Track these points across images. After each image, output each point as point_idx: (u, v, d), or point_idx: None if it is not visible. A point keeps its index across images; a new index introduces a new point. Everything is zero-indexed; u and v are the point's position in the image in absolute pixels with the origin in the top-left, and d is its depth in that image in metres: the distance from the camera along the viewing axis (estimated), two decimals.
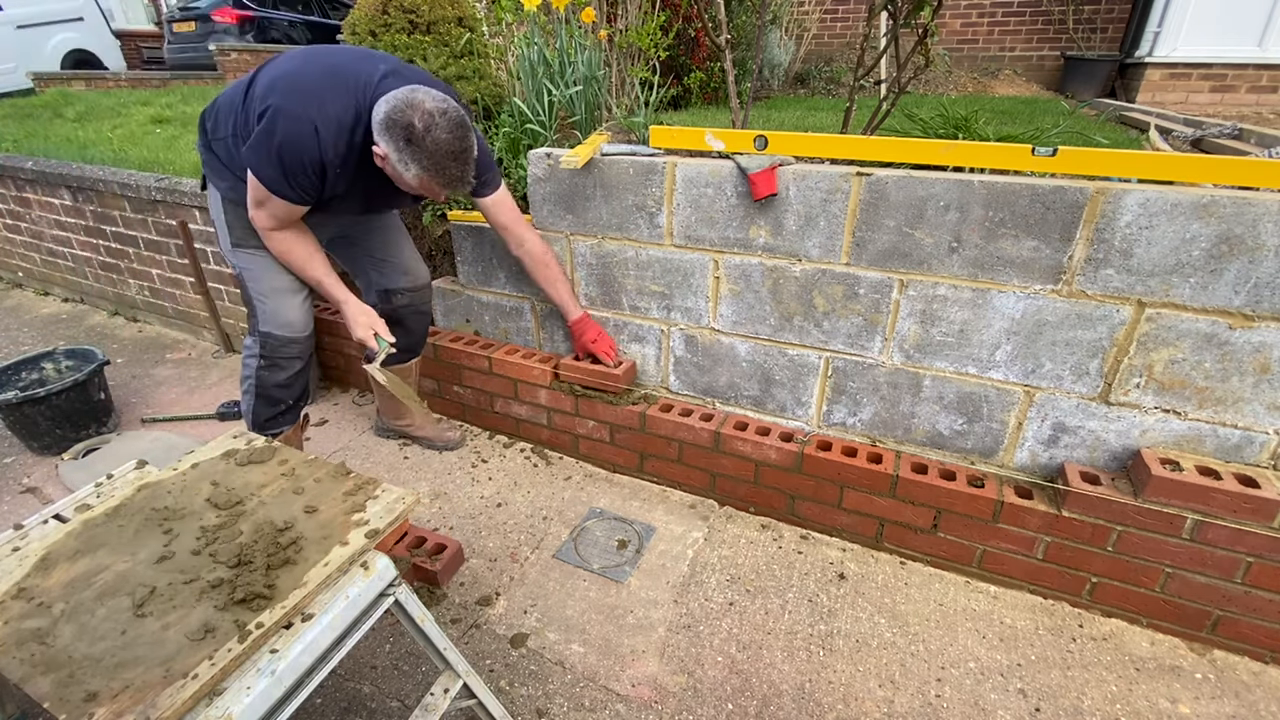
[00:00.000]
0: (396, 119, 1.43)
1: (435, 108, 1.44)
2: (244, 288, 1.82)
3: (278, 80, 1.54)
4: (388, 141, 1.46)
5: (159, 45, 10.36)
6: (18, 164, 3.36)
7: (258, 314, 1.81)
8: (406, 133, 1.43)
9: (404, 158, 1.46)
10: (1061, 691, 1.44)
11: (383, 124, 1.45)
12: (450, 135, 1.46)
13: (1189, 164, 1.35)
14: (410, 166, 1.47)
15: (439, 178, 1.49)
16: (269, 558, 0.97)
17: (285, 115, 1.48)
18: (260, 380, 1.84)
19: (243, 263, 1.78)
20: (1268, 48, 4.16)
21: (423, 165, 1.46)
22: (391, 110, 1.44)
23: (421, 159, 1.45)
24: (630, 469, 2.17)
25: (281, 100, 1.49)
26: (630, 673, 1.50)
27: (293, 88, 1.51)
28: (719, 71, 3.35)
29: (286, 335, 1.82)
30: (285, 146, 1.49)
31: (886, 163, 1.60)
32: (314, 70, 1.55)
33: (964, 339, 1.61)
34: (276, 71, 1.57)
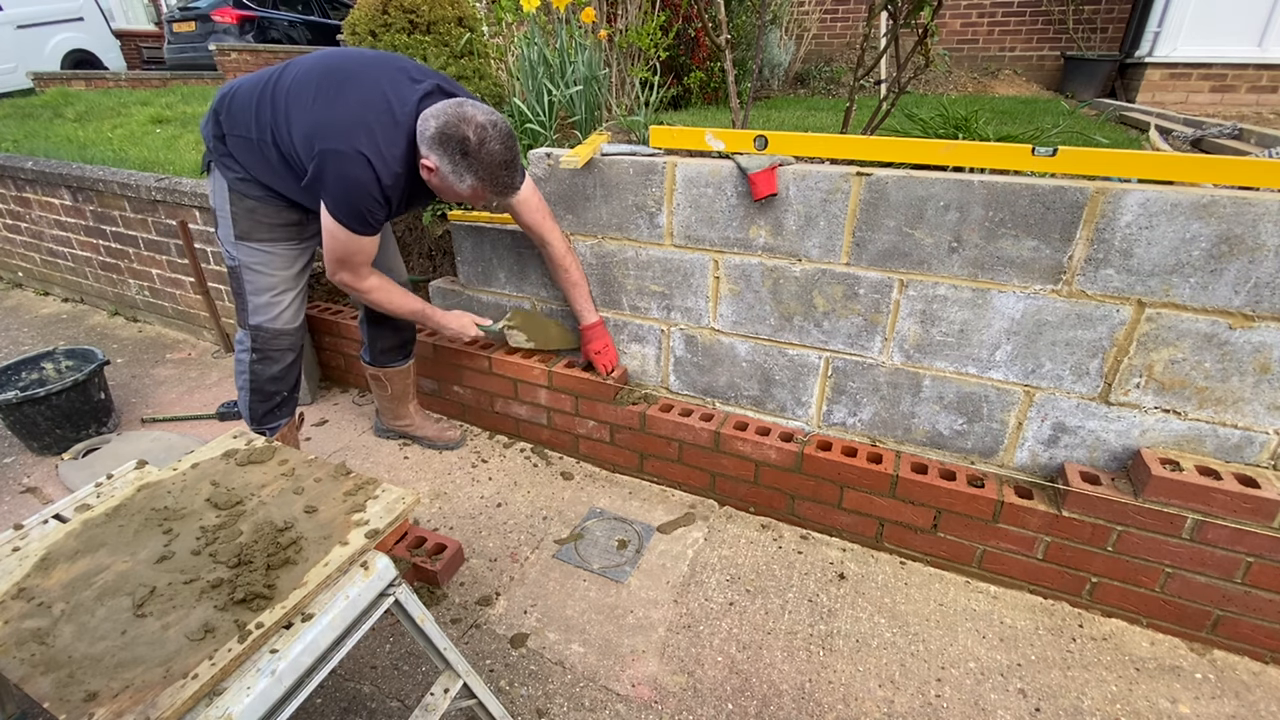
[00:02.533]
0: (451, 134, 1.48)
1: (487, 120, 1.51)
2: (237, 281, 1.79)
3: (319, 122, 1.53)
4: (440, 155, 1.51)
5: (159, 45, 10.37)
6: (18, 164, 3.36)
7: (249, 307, 1.80)
8: (462, 146, 1.49)
9: (459, 170, 1.52)
10: (1061, 691, 1.44)
11: (435, 139, 1.50)
12: (502, 146, 1.52)
13: (1189, 164, 1.35)
14: (466, 178, 1.53)
15: (493, 186, 1.56)
16: (269, 558, 0.97)
17: (338, 157, 1.51)
18: (254, 374, 1.85)
19: (245, 257, 1.75)
20: (1268, 48, 4.16)
21: (479, 176, 1.53)
22: (444, 126, 1.49)
23: (478, 170, 1.51)
24: (630, 469, 2.17)
25: (330, 143, 1.51)
26: (630, 673, 1.50)
27: (335, 127, 1.51)
28: (719, 71, 3.36)
29: (277, 328, 1.83)
30: (349, 187, 1.54)
31: (886, 163, 1.60)
32: (351, 101, 1.54)
33: (964, 339, 1.61)
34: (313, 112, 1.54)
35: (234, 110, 1.65)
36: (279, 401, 1.94)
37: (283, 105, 1.58)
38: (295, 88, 1.58)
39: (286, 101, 1.57)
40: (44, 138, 3.95)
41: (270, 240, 1.74)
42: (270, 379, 1.88)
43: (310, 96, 1.56)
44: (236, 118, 1.65)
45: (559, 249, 1.93)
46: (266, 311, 1.80)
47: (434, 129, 1.50)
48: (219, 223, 1.78)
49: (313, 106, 1.55)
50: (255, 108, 1.61)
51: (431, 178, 1.58)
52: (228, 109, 1.66)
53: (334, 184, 1.54)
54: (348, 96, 1.54)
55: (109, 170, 3.07)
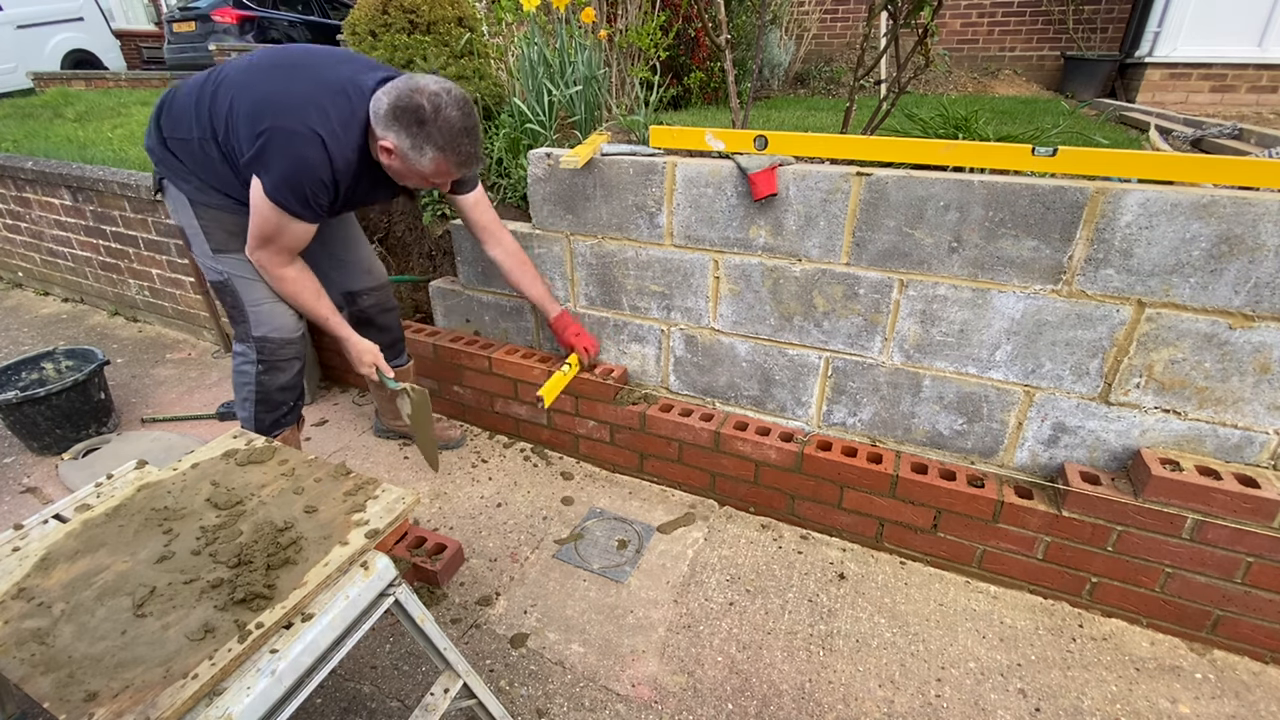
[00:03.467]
0: (404, 104, 1.43)
1: (440, 88, 1.45)
2: (231, 294, 1.73)
3: (269, 98, 1.47)
4: (397, 131, 1.45)
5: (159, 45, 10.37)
6: (18, 164, 3.36)
7: (250, 319, 1.74)
8: (417, 115, 1.43)
9: (418, 143, 1.45)
10: (1061, 691, 1.44)
11: (389, 114, 1.44)
12: (460, 112, 1.46)
13: (1189, 164, 1.35)
14: (425, 150, 1.46)
15: (455, 156, 1.49)
16: (269, 558, 0.97)
17: (288, 134, 1.44)
18: (261, 385, 1.80)
19: (229, 268, 1.69)
20: (1268, 48, 4.16)
21: (438, 145, 1.46)
22: (397, 99, 1.43)
23: (436, 139, 1.45)
24: (630, 469, 2.17)
25: (281, 120, 1.44)
26: (630, 673, 1.50)
27: (287, 103, 1.46)
28: (719, 71, 3.36)
29: (283, 337, 1.77)
30: (297, 167, 1.47)
31: (886, 163, 1.60)
32: (304, 80, 1.49)
33: (964, 339, 1.61)
34: (261, 89, 1.48)
35: (174, 112, 1.59)
36: (287, 410, 1.89)
37: (225, 96, 1.51)
38: (240, 77, 1.52)
39: (231, 92, 1.50)
40: (44, 138, 3.95)
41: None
42: (279, 389, 1.83)
43: (259, 80, 1.49)
44: (177, 119, 1.58)
45: (514, 246, 1.94)
46: (270, 320, 1.75)
47: (386, 105, 1.45)
48: (190, 240, 1.70)
49: (261, 87, 1.48)
50: (194, 105, 1.54)
51: (392, 161, 1.51)
52: (168, 112, 1.60)
53: (279, 161, 1.46)
54: (301, 76, 1.49)
55: (109, 170, 3.07)
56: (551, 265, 2.10)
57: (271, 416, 1.86)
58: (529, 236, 2.09)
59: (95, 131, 4.16)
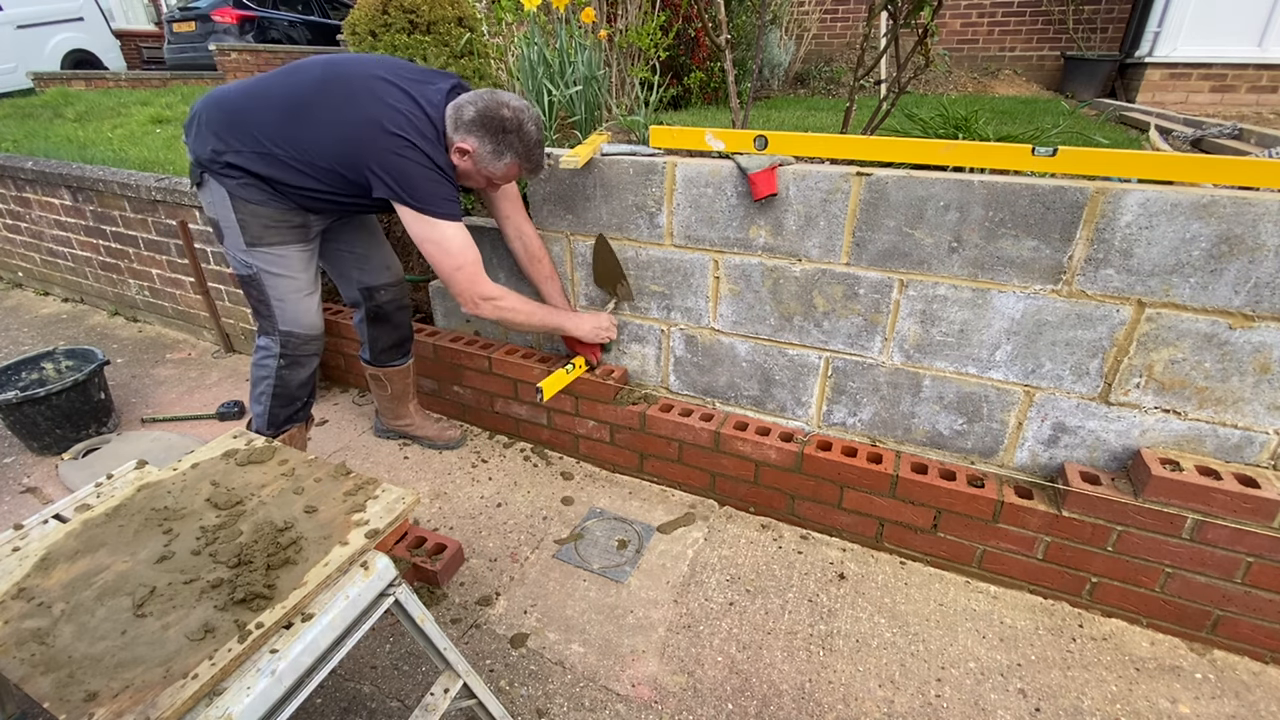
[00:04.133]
0: (492, 114, 1.59)
1: (520, 105, 1.63)
2: (258, 288, 1.76)
3: (359, 129, 1.56)
4: (480, 137, 1.61)
5: (159, 45, 10.37)
6: (18, 164, 3.36)
7: (275, 314, 1.78)
8: (503, 125, 1.60)
9: (500, 148, 1.62)
10: (1061, 691, 1.44)
11: (475, 121, 1.60)
12: (535, 127, 1.66)
13: (1189, 164, 1.35)
14: (505, 155, 1.64)
15: (528, 164, 1.68)
16: (269, 558, 0.97)
17: (404, 157, 1.56)
18: (281, 380, 1.85)
19: (261, 263, 1.73)
20: (1268, 48, 4.16)
21: (517, 153, 1.64)
22: (485, 109, 1.60)
23: (518, 147, 1.63)
24: (630, 469, 2.17)
25: (385, 144, 1.55)
26: (630, 673, 1.50)
27: (379, 128, 1.55)
28: (719, 71, 3.36)
29: (307, 333, 1.84)
30: (432, 179, 1.60)
31: (886, 163, 1.60)
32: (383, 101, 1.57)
33: (964, 339, 1.61)
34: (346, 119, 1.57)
35: (235, 128, 1.62)
36: (300, 406, 1.95)
37: (306, 118, 1.58)
38: (309, 96, 1.59)
39: (307, 114, 1.58)
40: (44, 138, 3.95)
41: (282, 243, 1.72)
42: (298, 384, 1.89)
43: (337, 102, 1.58)
44: (243, 136, 1.61)
45: (535, 241, 1.97)
46: (297, 316, 1.80)
47: (473, 113, 1.59)
48: (224, 234, 1.73)
49: (342, 112, 1.57)
50: (270, 124, 1.59)
51: (464, 161, 1.64)
52: (226, 127, 1.62)
53: (409, 175, 1.58)
54: (385, 93, 1.59)
55: (109, 170, 3.07)
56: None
57: (286, 411, 1.92)
58: None
59: (95, 131, 4.16)
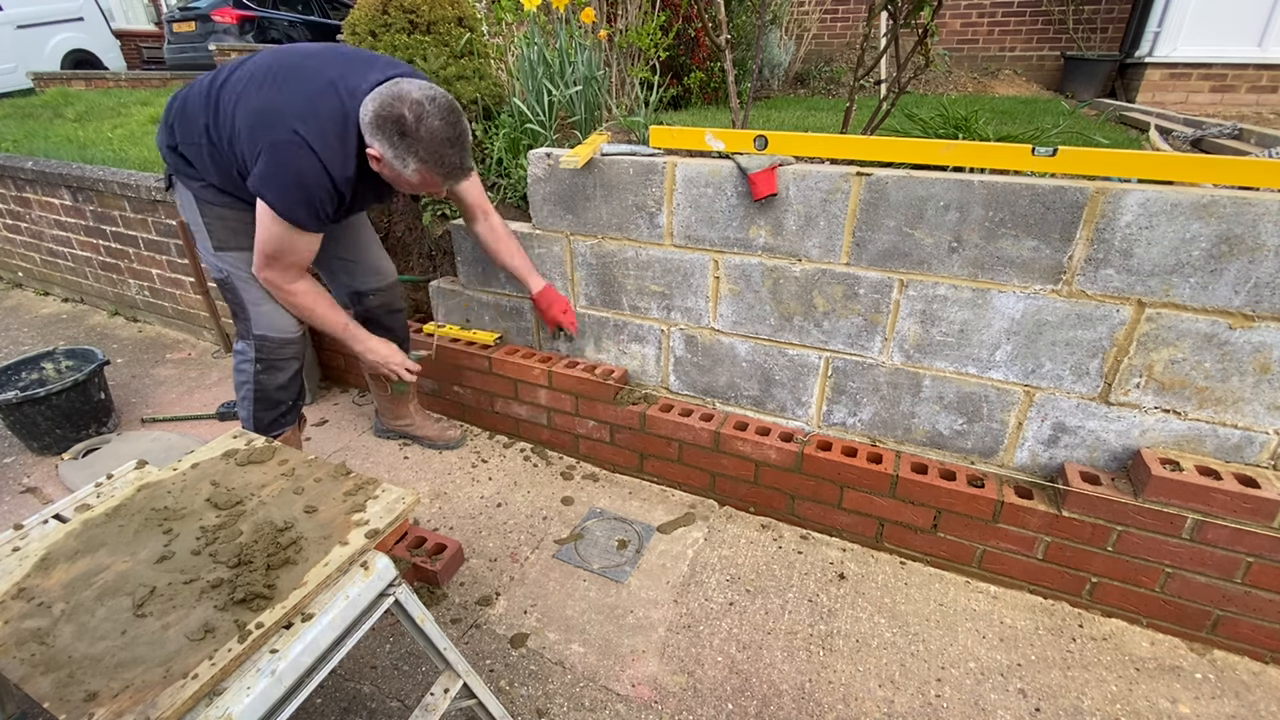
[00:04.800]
0: (386, 114, 1.40)
1: (423, 95, 1.40)
2: (232, 292, 1.74)
3: (261, 112, 1.45)
4: (381, 141, 1.42)
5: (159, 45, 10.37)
6: (18, 164, 3.36)
7: (250, 318, 1.75)
8: (399, 126, 1.39)
9: (400, 154, 1.42)
10: (1061, 691, 1.44)
11: (373, 124, 1.42)
12: (443, 122, 1.42)
13: (1189, 164, 1.35)
14: (408, 162, 1.43)
15: (439, 168, 1.45)
16: (269, 558, 0.97)
17: (284, 147, 1.43)
18: (260, 384, 1.81)
19: (230, 266, 1.71)
20: (1268, 48, 4.16)
21: (420, 158, 1.43)
22: (379, 108, 1.41)
23: (419, 150, 1.42)
24: (630, 469, 2.17)
25: (274, 134, 1.43)
26: (630, 673, 1.50)
27: (278, 117, 1.44)
28: (719, 71, 3.36)
29: (282, 337, 1.79)
30: (297, 180, 1.45)
31: (886, 163, 1.60)
32: (295, 90, 1.46)
33: (964, 339, 1.61)
34: (254, 101, 1.46)
35: (186, 115, 1.60)
36: (285, 409, 1.90)
37: (227, 106, 1.50)
38: (238, 86, 1.51)
39: (231, 102, 1.50)
40: (44, 138, 3.95)
41: (250, 248, 1.65)
42: (277, 388, 1.84)
43: (253, 91, 1.48)
44: (189, 124, 1.59)
45: (499, 221, 1.95)
46: (269, 320, 1.76)
47: (371, 113, 1.41)
48: (196, 236, 1.73)
49: (254, 99, 1.47)
50: (201, 111, 1.56)
51: (381, 168, 1.48)
52: (179, 118, 1.61)
53: (279, 174, 1.44)
54: (291, 87, 1.46)
55: (109, 170, 3.07)
56: (551, 265, 2.10)
57: (270, 415, 1.87)
58: (529, 236, 2.09)
59: (95, 131, 4.16)
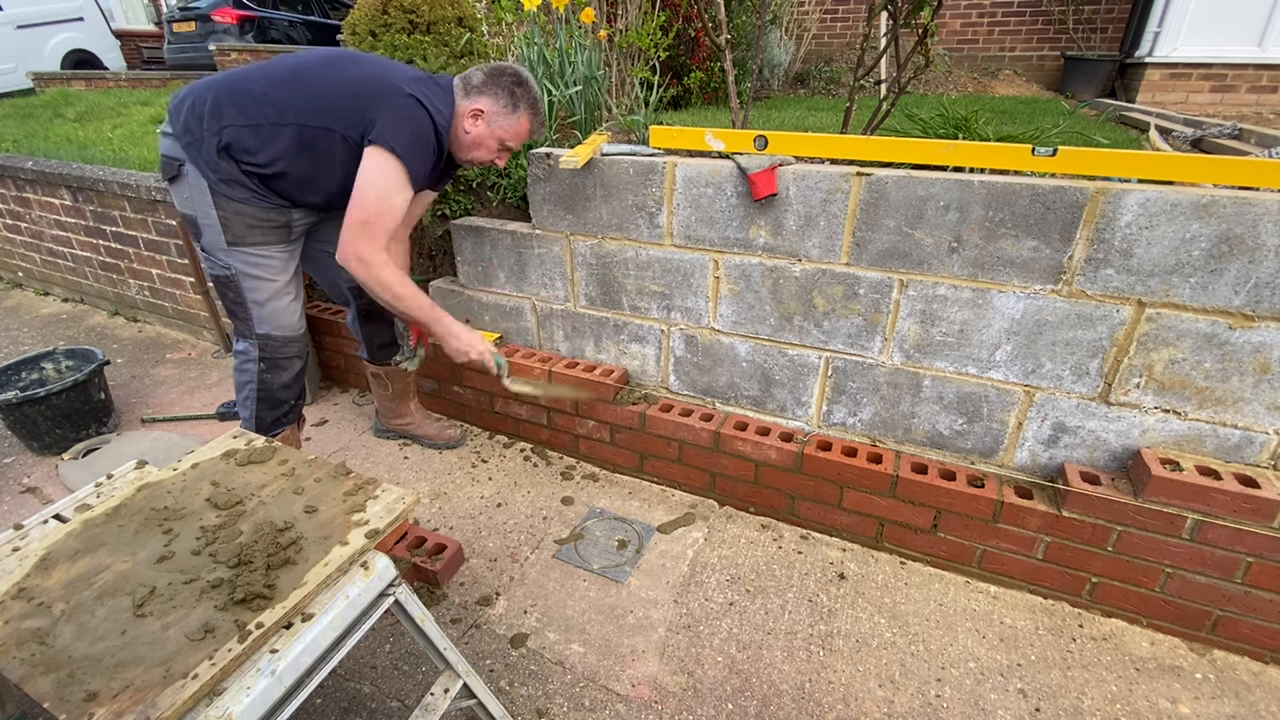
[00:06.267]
0: (500, 73, 1.67)
1: (519, 66, 1.73)
2: (234, 290, 1.72)
3: (370, 80, 1.61)
4: (494, 95, 1.66)
5: (159, 45, 10.37)
6: (18, 164, 3.36)
7: (253, 317, 1.74)
8: (516, 78, 1.67)
9: (515, 102, 1.67)
10: (1061, 691, 1.44)
11: (486, 82, 1.66)
12: (538, 86, 1.75)
13: (1189, 164, 1.35)
14: (519, 108, 1.68)
15: (538, 119, 1.74)
16: (269, 558, 0.97)
17: (412, 104, 1.58)
18: (263, 383, 1.81)
19: (240, 264, 1.69)
20: (1268, 48, 4.16)
21: (529, 105, 1.70)
22: (492, 70, 1.68)
23: (530, 99, 1.69)
24: (630, 469, 2.17)
25: (395, 96, 1.58)
26: (630, 673, 1.50)
27: (397, 81, 1.60)
28: (719, 71, 3.35)
29: (285, 335, 1.79)
30: (421, 131, 1.60)
31: (886, 163, 1.60)
32: (402, 69, 1.69)
33: (964, 339, 1.61)
34: (353, 72, 1.63)
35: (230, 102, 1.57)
36: (288, 409, 1.91)
37: (311, 82, 1.61)
38: (313, 65, 1.64)
39: (311, 75, 1.62)
40: (44, 138, 3.95)
41: (264, 244, 1.69)
42: (281, 387, 1.84)
43: (336, 70, 1.63)
44: (237, 107, 1.57)
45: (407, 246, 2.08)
46: (274, 319, 1.76)
47: (482, 76, 1.67)
48: (203, 230, 1.66)
49: (363, 69, 1.64)
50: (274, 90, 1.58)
51: (478, 125, 1.67)
52: (223, 103, 1.57)
53: (404, 126, 1.57)
54: (375, 65, 1.67)
55: (109, 170, 3.07)
56: (551, 265, 2.10)
57: (273, 415, 1.88)
58: (529, 237, 2.09)
59: (95, 131, 4.15)
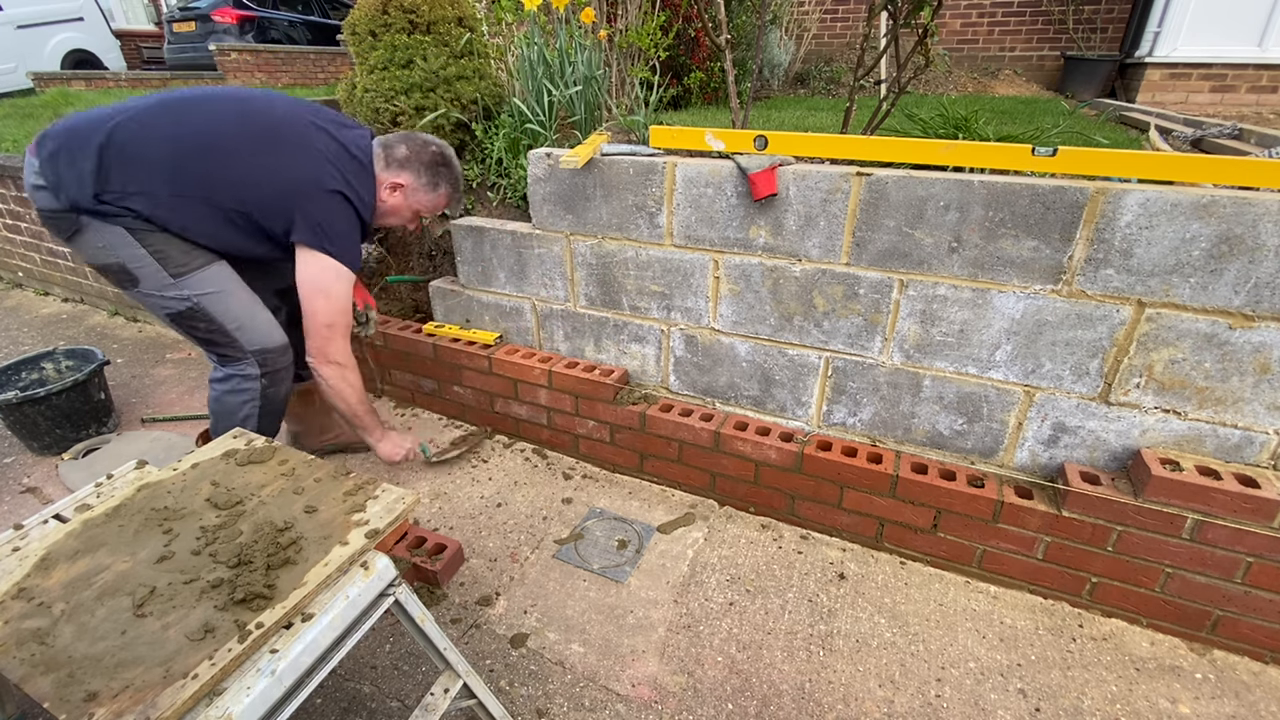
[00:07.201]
0: (425, 147, 1.76)
1: (442, 142, 1.82)
2: (204, 318, 1.64)
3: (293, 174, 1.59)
4: (416, 171, 1.75)
5: (159, 45, 10.37)
6: (18, 164, 3.36)
7: (238, 338, 1.69)
8: (441, 157, 1.78)
9: (436, 180, 1.78)
10: (1061, 691, 1.44)
11: (410, 158, 1.74)
12: (457, 162, 1.84)
13: (1189, 164, 1.35)
14: (441, 186, 1.80)
15: (457, 194, 1.86)
16: (269, 558, 0.97)
17: (326, 200, 1.61)
18: (267, 399, 1.78)
19: (194, 289, 1.60)
20: (1268, 48, 4.16)
21: (452, 183, 1.82)
22: (418, 146, 1.76)
23: (452, 178, 1.82)
24: (630, 469, 2.17)
25: (312, 193, 1.60)
26: (630, 673, 1.50)
27: (313, 174, 1.61)
28: (719, 71, 3.36)
29: (280, 343, 1.77)
30: (348, 228, 1.67)
31: (886, 163, 1.60)
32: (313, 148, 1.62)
33: (964, 339, 1.61)
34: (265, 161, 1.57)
35: (129, 166, 1.49)
36: (280, 414, 1.91)
37: (231, 159, 1.55)
38: (232, 136, 1.55)
39: (233, 155, 1.55)
40: None
41: (205, 263, 1.62)
42: (281, 398, 1.84)
43: (247, 154, 1.56)
44: (141, 176, 1.50)
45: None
46: (258, 331, 1.73)
47: (406, 151, 1.74)
48: (138, 275, 1.57)
49: (270, 157, 1.58)
50: (160, 166, 1.49)
51: (395, 196, 1.76)
52: (121, 163, 1.48)
53: (334, 222, 1.62)
54: (310, 136, 1.62)
55: None
56: (551, 265, 2.10)
57: (274, 426, 1.88)
58: (529, 236, 2.09)
59: None
